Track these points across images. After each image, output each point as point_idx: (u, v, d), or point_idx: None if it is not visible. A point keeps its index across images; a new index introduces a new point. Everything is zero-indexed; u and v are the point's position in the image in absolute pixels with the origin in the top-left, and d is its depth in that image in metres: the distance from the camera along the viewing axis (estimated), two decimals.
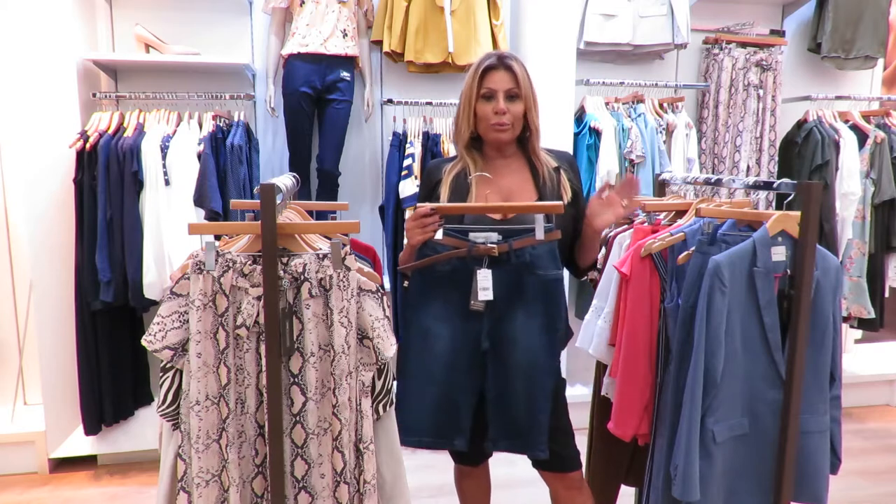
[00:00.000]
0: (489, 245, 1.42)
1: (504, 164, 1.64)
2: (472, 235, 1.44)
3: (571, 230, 1.61)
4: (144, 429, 2.78)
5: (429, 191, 1.65)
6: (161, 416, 1.40)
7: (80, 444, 2.70)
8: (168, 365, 1.39)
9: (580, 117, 3.01)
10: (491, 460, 1.81)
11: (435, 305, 1.50)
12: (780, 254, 1.49)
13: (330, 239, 1.52)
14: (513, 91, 1.54)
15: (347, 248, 1.38)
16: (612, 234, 1.83)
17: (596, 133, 2.88)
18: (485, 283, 1.43)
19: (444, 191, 1.59)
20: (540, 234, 1.43)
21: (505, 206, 1.47)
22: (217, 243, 1.41)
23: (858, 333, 3.80)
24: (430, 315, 1.51)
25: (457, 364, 1.50)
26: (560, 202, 1.44)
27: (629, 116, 2.98)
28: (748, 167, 3.20)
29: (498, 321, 1.49)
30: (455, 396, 1.50)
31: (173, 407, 1.40)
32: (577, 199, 1.63)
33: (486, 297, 1.42)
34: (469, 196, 1.57)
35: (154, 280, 2.52)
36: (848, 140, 3.05)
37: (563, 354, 1.94)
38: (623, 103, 3.03)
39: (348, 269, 1.36)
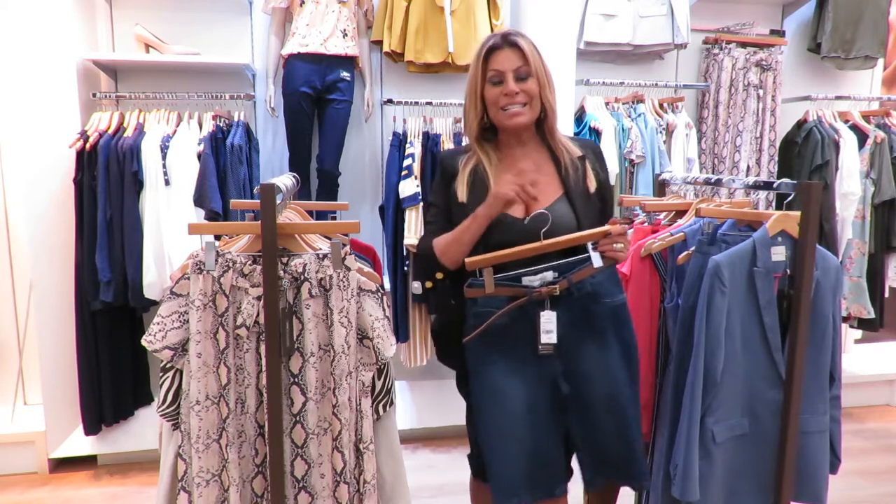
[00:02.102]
0: (548, 286, 1.33)
1: (522, 154, 1.50)
2: (525, 280, 1.34)
3: (597, 223, 1.45)
4: (144, 429, 2.78)
5: (446, 183, 1.50)
6: (161, 416, 1.40)
7: (80, 444, 2.70)
8: (168, 365, 1.39)
9: (580, 117, 3.01)
10: None
11: (500, 362, 1.38)
12: (780, 254, 1.49)
13: (330, 239, 1.52)
14: (522, 70, 1.40)
15: (347, 248, 1.38)
16: None
17: (596, 133, 2.88)
18: (548, 326, 1.34)
19: (462, 188, 1.46)
20: (598, 262, 1.33)
21: (551, 243, 1.34)
22: (217, 243, 1.41)
23: (858, 333, 3.80)
24: (497, 372, 1.38)
25: (538, 415, 1.38)
26: (606, 227, 1.33)
27: (629, 116, 2.98)
28: (748, 167, 3.20)
29: (571, 360, 1.38)
30: (546, 447, 1.39)
31: (173, 407, 1.40)
32: (602, 190, 1.49)
33: (550, 340, 1.34)
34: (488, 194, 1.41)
35: (154, 280, 2.52)
36: (848, 140, 3.05)
37: None
38: (623, 103, 3.03)
39: (348, 269, 1.37)
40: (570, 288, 1.35)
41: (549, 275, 1.34)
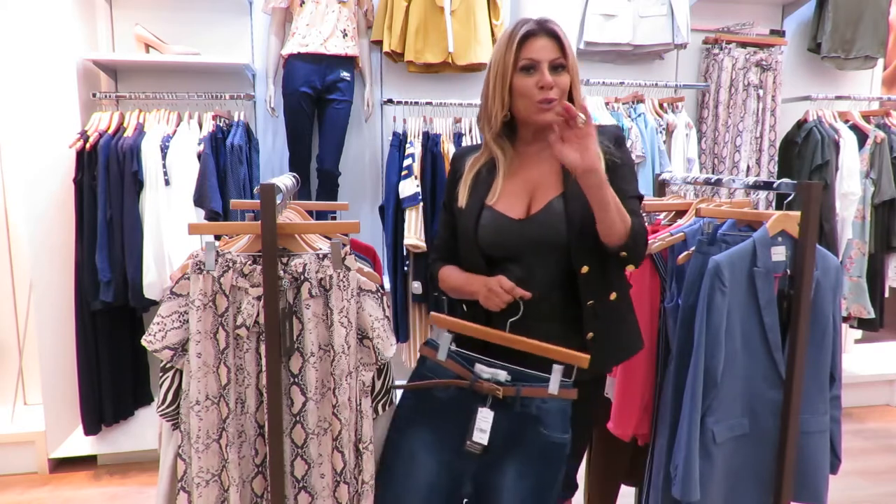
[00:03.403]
0: (493, 384, 1.25)
1: (538, 150, 1.38)
2: (477, 368, 1.27)
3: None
4: (144, 429, 2.78)
5: (453, 185, 1.44)
6: (161, 416, 1.40)
7: (80, 444, 2.70)
8: (168, 365, 1.39)
9: None
10: None
11: (425, 431, 1.32)
12: (780, 254, 1.49)
13: (330, 239, 1.52)
14: (558, 61, 1.29)
15: (347, 248, 1.38)
16: None
17: None
18: (483, 425, 1.26)
19: (463, 193, 1.38)
20: (553, 388, 1.23)
21: (522, 343, 1.25)
22: (217, 243, 1.41)
23: (858, 333, 3.80)
24: (418, 440, 1.32)
25: (436, 500, 1.30)
26: (586, 356, 1.23)
27: (629, 116, 2.98)
28: (748, 167, 3.20)
29: (487, 467, 1.27)
30: None
31: (173, 407, 1.40)
32: (615, 171, 1.33)
33: (480, 440, 1.25)
34: (493, 191, 1.36)
35: (154, 280, 2.52)
36: (848, 140, 3.05)
37: None
38: (623, 103, 3.03)
39: (348, 269, 1.36)
40: (516, 400, 1.25)
41: (503, 375, 1.26)
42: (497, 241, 1.33)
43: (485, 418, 1.25)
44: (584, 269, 1.29)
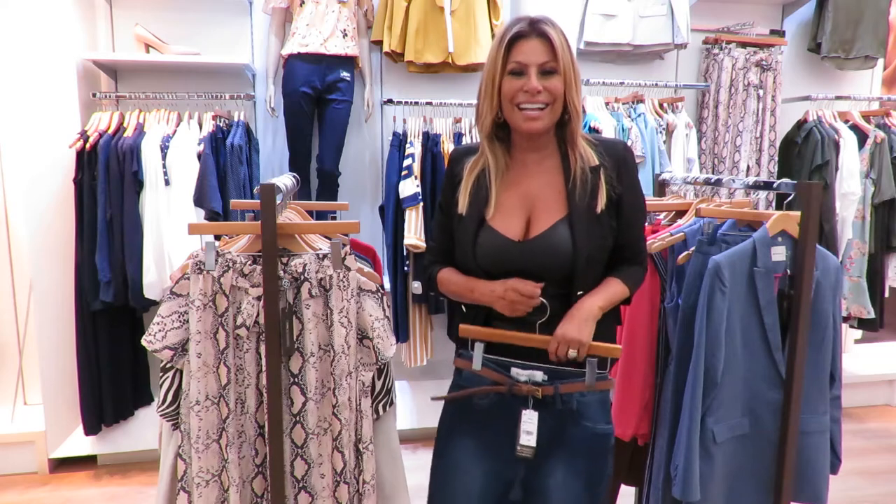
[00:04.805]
0: (531, 385, 1.24)
1: (536, 160, 1.31)
2: (514, 371, 1.26)
3: (610, 243, 1.28)
4: (144, 429, 2.78)
5: (451, 187, 1.37)
6: (161, 416, 1.40)
7: (80, 444, 2.70)
8: (168, 365, 1.39)
9: None
10: None
11: (468, 440, 1.30)
12: (780, 254, 1.49)
13: (330, 239, 1.52)
14: (549, 65, 1.22)
15: (347, 248, 1.38)
16: None
17: (596, 133, 2.88)
18: (529, 427, 1.25)
19: (463, 198, 1.32)
20: (590, 381, 1.24)
21: (544, 340, 1.24)
22: (217, 243, 1.41)
23: (858, 333, 3.80)
24: (464, 448, 1.30)
25: None
26: (618, 346, 1.23)
27: (629, 116, 2.98)
28: (748, 167, 3.20)
29: (535, 470, 1.26)
30: None
31: (173, 407, 1.40)
32: (620, 205, 1.29)
33: (528, 443, 1.24)
34: (488, 207, 1.29)
35: (154, 280, 2.52)
36: (848, 140, 3.05)
37: None
38: (623, 103, 3.03)
39: (348, 269, 1.37)
40: (555, 397, 1.24)
41: (539, 375, 1.25)
42: (495, 261, 1.28)
43: (529, 420, 1.25)
44: (580, 293, 1.26)
